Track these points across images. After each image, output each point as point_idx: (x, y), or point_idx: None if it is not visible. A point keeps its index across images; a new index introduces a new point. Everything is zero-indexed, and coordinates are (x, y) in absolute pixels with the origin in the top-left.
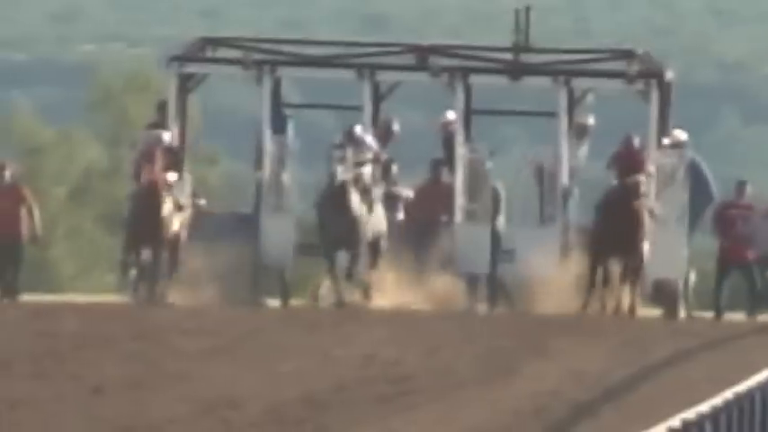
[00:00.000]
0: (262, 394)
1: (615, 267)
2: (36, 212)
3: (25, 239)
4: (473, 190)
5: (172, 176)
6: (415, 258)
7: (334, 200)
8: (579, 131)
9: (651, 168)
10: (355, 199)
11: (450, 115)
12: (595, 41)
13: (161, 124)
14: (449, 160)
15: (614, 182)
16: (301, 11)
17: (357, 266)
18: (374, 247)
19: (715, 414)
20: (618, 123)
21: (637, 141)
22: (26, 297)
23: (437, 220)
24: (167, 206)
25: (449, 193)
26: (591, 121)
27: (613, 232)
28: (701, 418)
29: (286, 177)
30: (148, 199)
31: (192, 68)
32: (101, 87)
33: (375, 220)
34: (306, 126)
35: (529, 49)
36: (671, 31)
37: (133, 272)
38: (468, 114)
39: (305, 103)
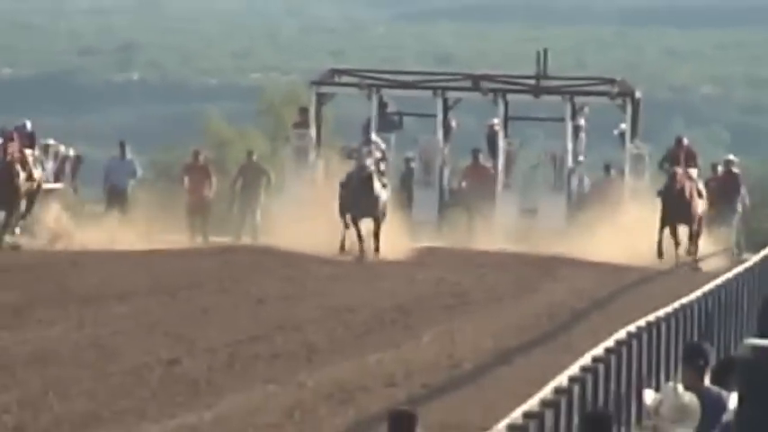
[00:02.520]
0: (368, 304)
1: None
2: (214, 184)
3: (208, 201)
4: (508, 170)
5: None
6: (468, 213)
7: (362, 185)
8: (577, 131)
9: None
10: (377, 183)
11: (494, 120)
12: (589, 72)
13: (303, 124)
14: (491, 150)
15: (671, 171)
16: (394, 52)
17: (378, 229)
18: (383, 214)
19: (667, 317)
20: (604, 127)
21: (686, 140)
22: (213, 238)
23: (477, 189)
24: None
25: (484, 171)
26: (582, 122)
27: (676, 207)
28: (658, 320)
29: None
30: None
31: (325, 89)
32: (265, 101)
33: (384, 197)
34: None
35: (546, 77)
36: (638, 65)
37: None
38: (505, 120)
39: (400, 112)
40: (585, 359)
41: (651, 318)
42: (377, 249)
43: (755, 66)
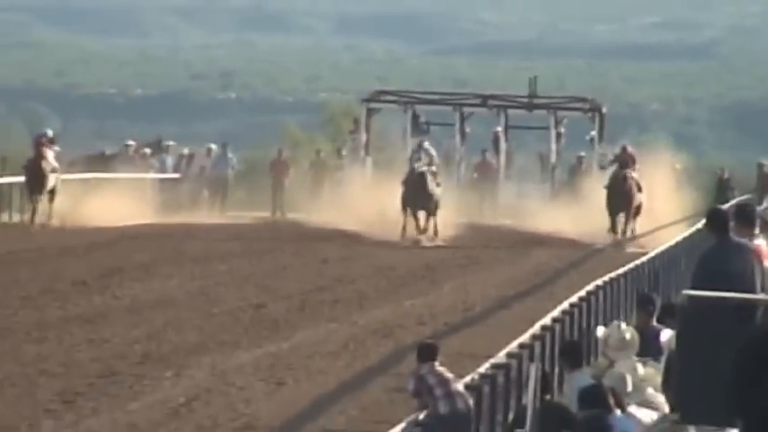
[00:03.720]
0: (404, 263)
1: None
2: (291, 174)
3: (285, 186)
4: (508, 165)
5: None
6: (478, 196)
7: (418, 182)
8: (558, 138)
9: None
10: (431, 181)
11: (498, 128)
12: (567, 93)
13: (356, 131)
14: (495, 150)
15: (616, 170)
16: (423, 77)
17: (434, 219)
18: (435, 206)
19: (626, 274)
20: (579, 133)
21: (629, 147)
22: (289, 214)
23: (485, 179)
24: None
25: (490, 166)
26: (563, 130)
27: (618, 199)
28: (619, 276)
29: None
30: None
31: (372, 105)
32: (329, 114)
33: (438, 193)
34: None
35: (535, 96)
36: (603, 88)
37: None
38: (506, 128)
39: (428, 122)
40: (564, 305)
41: (613, 274)
42: (435, 233)
43: (689, 89)
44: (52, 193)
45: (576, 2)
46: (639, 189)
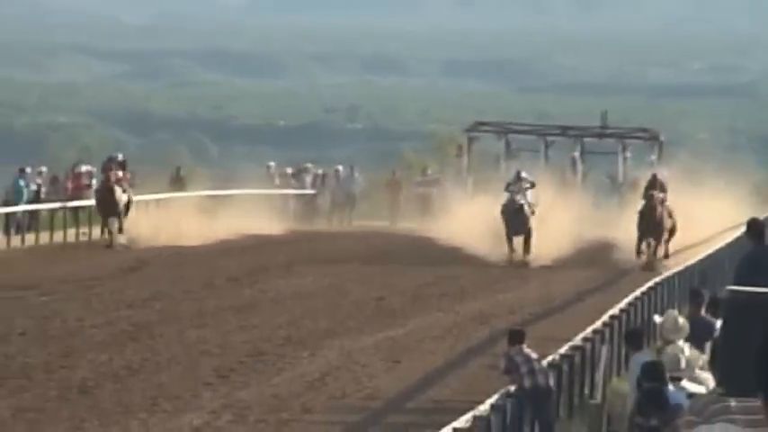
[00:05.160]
0: (498, 264)
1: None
2: (404, 189)
3: (399, 202)
4: (584, 182)
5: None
6: None
7: (516, 213)
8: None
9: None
10: (527, 210)
11: (575, 153)
12: (630, 125)
13: (459, 155)
14: (573, 170)
15: (647, 196)
16: (513, 110)
17: (529, 244)
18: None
19: (680, 273)
20: (641, 157)
21: (660, 175)
22: (401, 224)
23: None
24: None
25: (570, 183)
26: (628, 154)
27: (648, 224)
28: (674, 274)
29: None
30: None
31: (473, 134)
32: (437, 141)
33: (532, 219)
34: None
35: (606, 127)
36: (660, 120)
37: None
38: (582, 153)
39: (519, 148)
40: (629, 298)
41: (669, 273)
42: (527, 252)
43: (732, 121)
44: (125, 210)
45: (638, 50)
46: (670, 215)
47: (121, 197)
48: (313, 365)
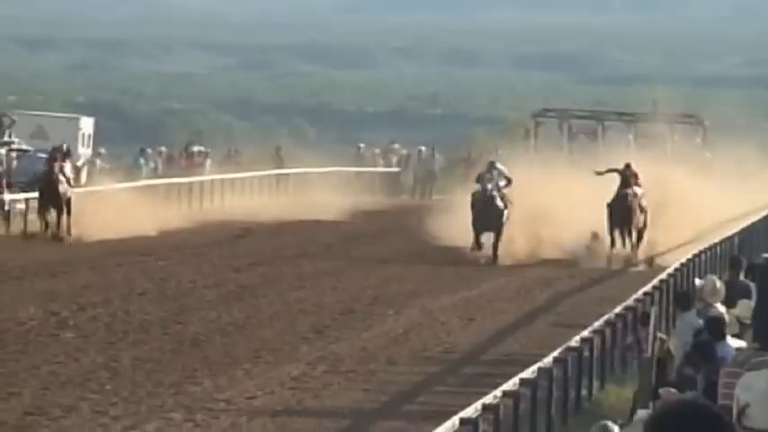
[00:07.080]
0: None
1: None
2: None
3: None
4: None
5: None
6: None
7: (486, 205)
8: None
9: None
10: (499, 202)
11: (630, 136)
12: (678, 111)
13: (527, 137)
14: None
15: (619, 188)
16: (574, 99)
17: (498, 243)
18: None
19: (721, 242)
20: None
21: (633, 165)
22: None
23: None
24: None
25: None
26: (676, 137)
27: (618, 215)
28: (714, 244)
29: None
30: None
31: (539, 119)
32: (509, 125)
33: (506, 213)
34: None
35: (656, 113)
36: (704, 108)
37: None
38: (635, 136)
39: (578, 131)
40: (676, 264)
41: (709, 243)
42: (495, 253)
43: None
44: (67, 205)
45: (684, 45)
46: (642, 209)
47: (66, 191)
48: (397, 322)
